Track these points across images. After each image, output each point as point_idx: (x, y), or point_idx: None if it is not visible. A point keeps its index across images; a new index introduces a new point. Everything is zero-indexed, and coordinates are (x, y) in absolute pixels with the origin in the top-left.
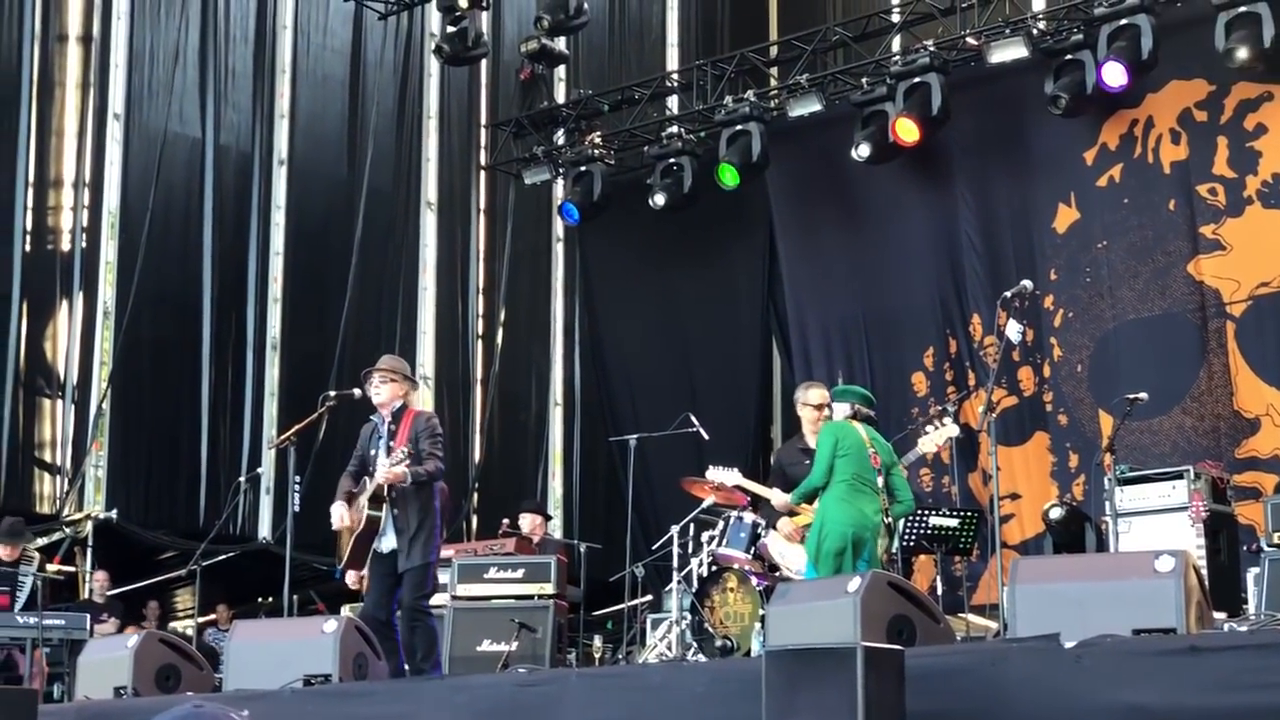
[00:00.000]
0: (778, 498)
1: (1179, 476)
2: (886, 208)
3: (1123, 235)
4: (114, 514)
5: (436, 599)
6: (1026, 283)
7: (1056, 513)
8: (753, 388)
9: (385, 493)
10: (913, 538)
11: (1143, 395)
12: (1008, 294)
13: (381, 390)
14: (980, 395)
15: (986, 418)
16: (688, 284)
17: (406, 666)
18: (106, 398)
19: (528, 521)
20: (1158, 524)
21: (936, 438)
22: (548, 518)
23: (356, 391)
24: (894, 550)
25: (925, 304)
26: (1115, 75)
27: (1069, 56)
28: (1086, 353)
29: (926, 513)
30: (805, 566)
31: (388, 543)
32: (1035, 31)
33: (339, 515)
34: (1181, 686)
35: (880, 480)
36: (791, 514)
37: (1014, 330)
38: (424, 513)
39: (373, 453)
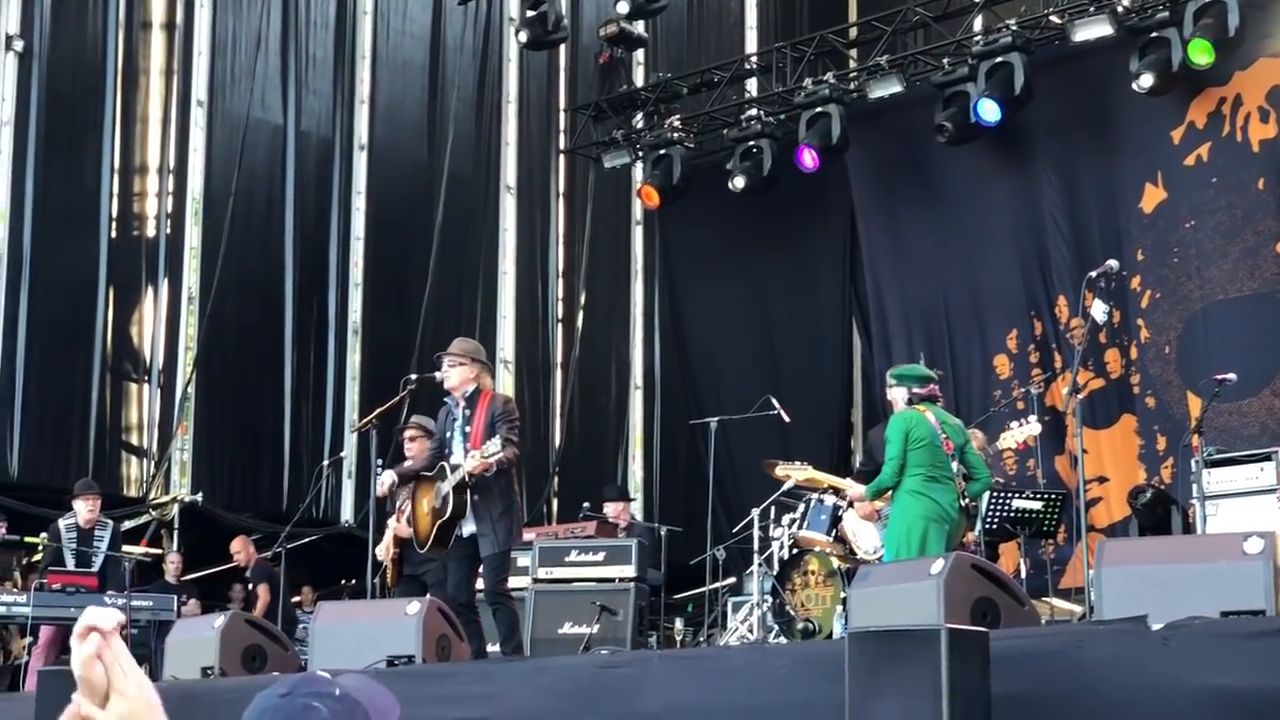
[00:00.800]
0: (852, 489)
1: (1268, 459)
2: (968, 189)
3: (1211, 215)
4: (199, 497)
5: (516, 581)
6: (1112, 263)
7: (1143, 496)
8: (834, 371)
9: (467, 478)
10: (996, 521)
11: (1231, 376)
12: (1093, 274)
13: (451, 374)
14: (1066, 378)
15: (1072, 400)
16: (769, 266)
17: (495, 647)
18: (192, 382)
19: (613, 509)
20: (1246, 506)
21: (1018, 435)
22: (629, 500)
23: (438, 375)
24: (977, 534)
25: (1008, 286)
26: (1201, 53)
27: (1154, 34)
28: (1174, 334)
29: (1010, 495)
30: (881, 547)
31: (469, 527)
32: (1120, 9)
33: (386, 482)
34: (1270, 669)
35: (955, 465)
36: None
37: (1100, 311)
38: (506, 498)
39: (448, 435)
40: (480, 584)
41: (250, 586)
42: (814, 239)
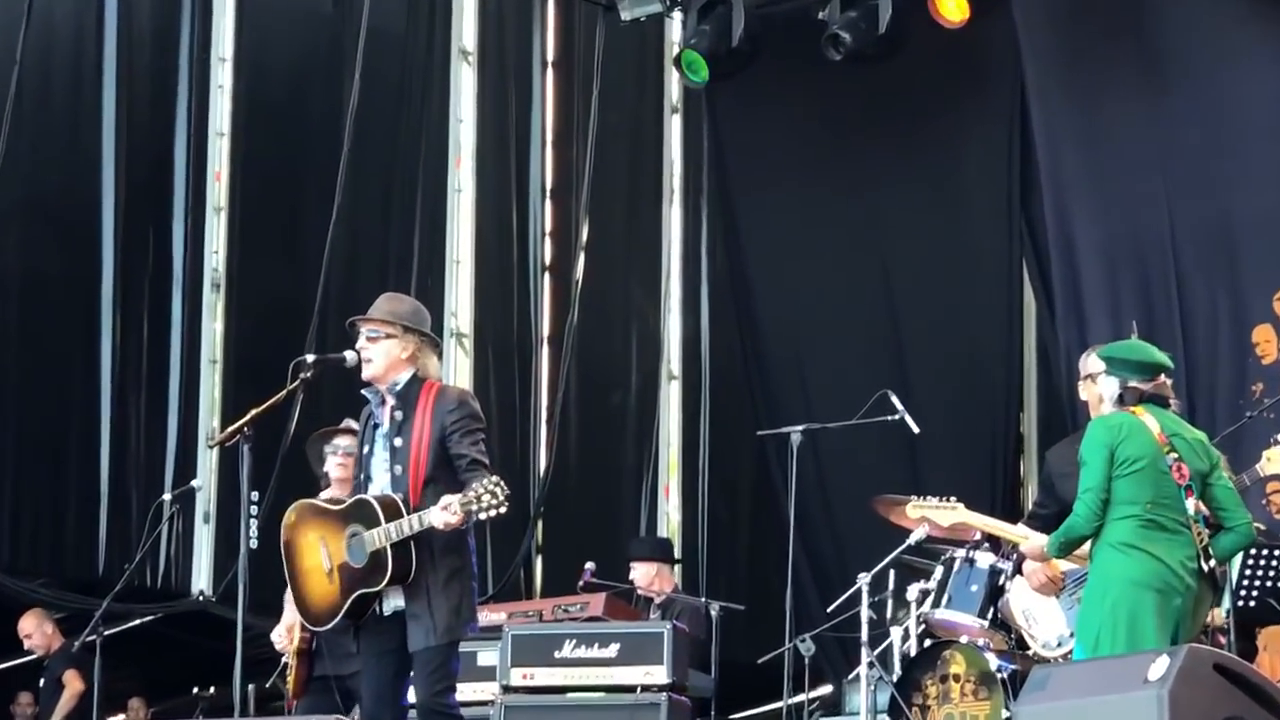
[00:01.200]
0: (1031, 541)
1: None
2: (1210, 53)
3: None
4: None
5: (473, 689)
6: None
7: None
8: (992, 350)
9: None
10: (1256, 593)
11: None
12: None
13: (373, 353)
14: None
15: None
16: (887, 185)
17: None
18: None
19: (644, 574)
20: None
21: None
22: (674, 563)
23: (349, 355)
24: (1225, 614)
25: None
26: None
27: None
28: None
29: (1277, 553)
30: (1070, 636)
31: (393, 602)
32: None
33: (280, 634)
34: None
35: (1191, 503)
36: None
37: None
38: (452, 557)
39: (365, 450)
40: (412, 694)
41: (49, 679)
42: (960, 137)
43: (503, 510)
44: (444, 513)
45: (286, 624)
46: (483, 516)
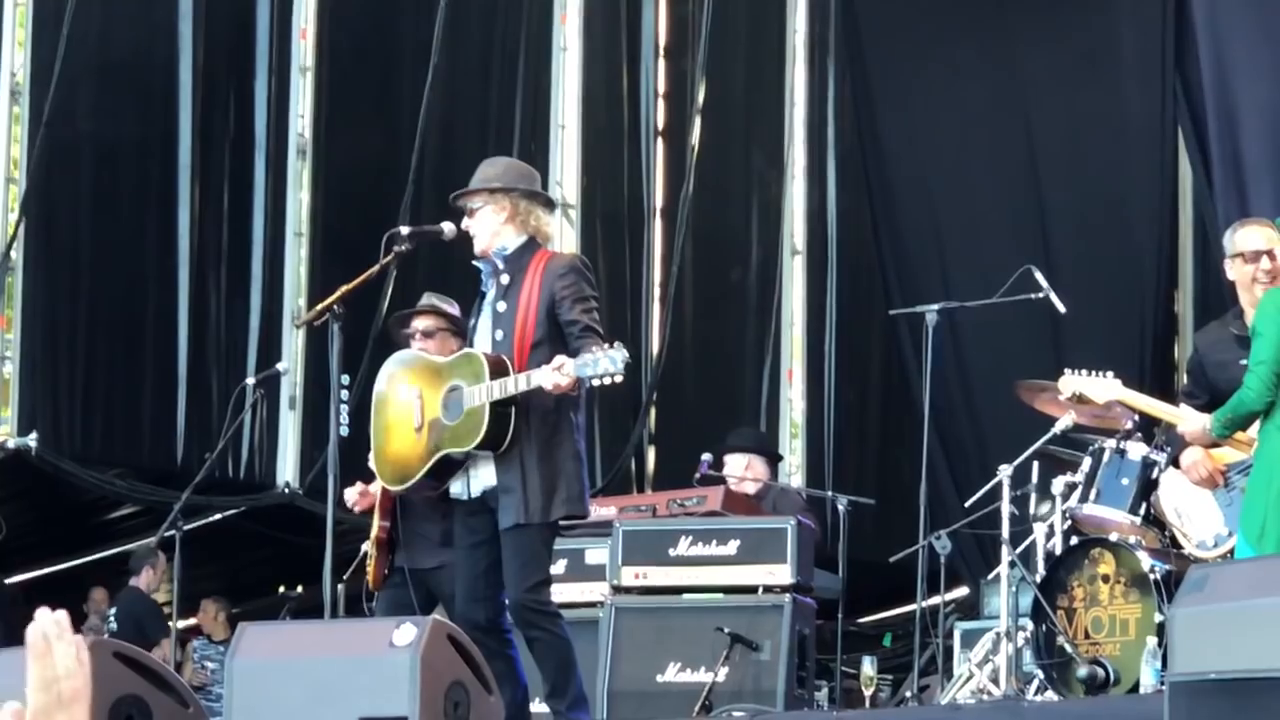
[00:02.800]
0: (1191, 421)
1: None
2: None
3: None
4: (31, 441)
5: (579, 590)
6: None
7: None
8: (1144, 223)
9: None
10: None
11: None
12: None
13: (474, 226)
14: None
15: None
16: (1030, 41)
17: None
18: (16, 245)
19: (736, 465)
20: None
21: None
22: (775, 458)
23: (447, 227)
24: None
25: None
26: None
27: None
28: None
29: None
30: (1234, 537)
31: (483, 479)
32: None
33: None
34: None
35: None
36: (1213, 445)
37: None
38: (558, 437)
39: (472, 322)
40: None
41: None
42: None
43: (618, 379)
44: (555, 373)
45: (362, 486)
46: (596, 383)
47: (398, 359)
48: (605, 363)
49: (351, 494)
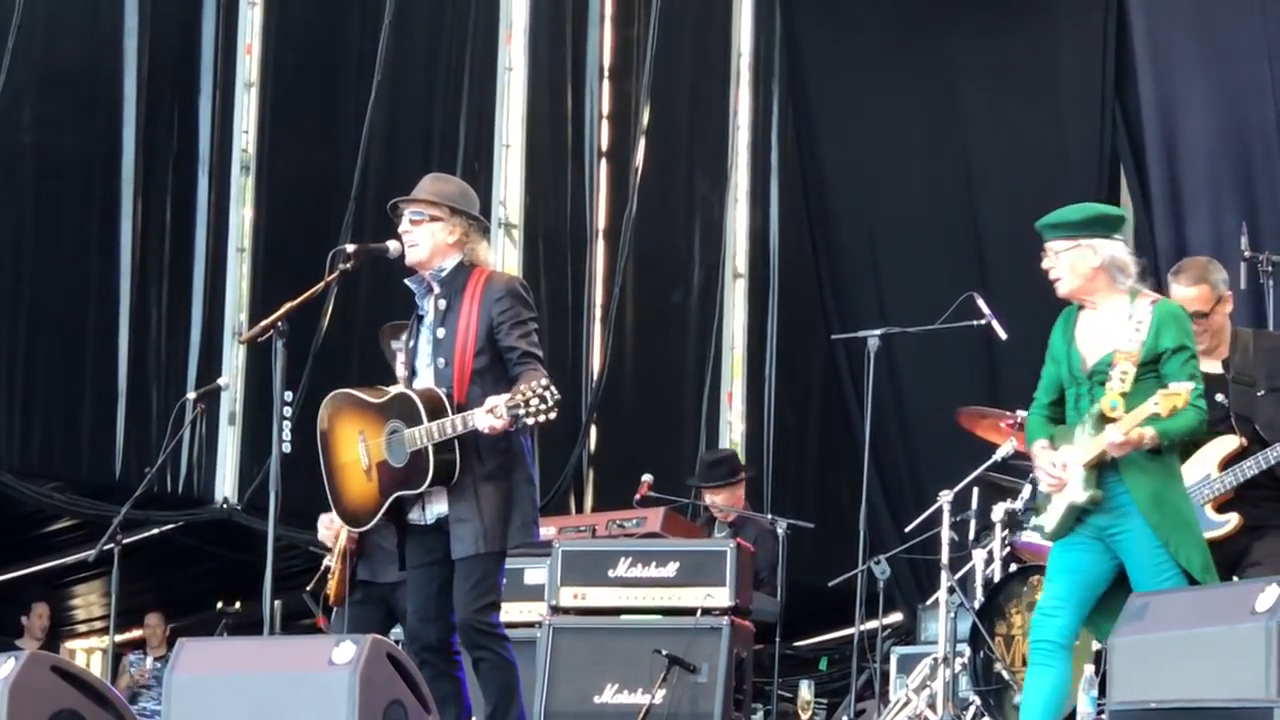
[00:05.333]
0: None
1: None
2: None
3: None
4: None
5: (520, 610)
6: None
7: None
8: None
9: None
10: None
11: None
12: None
13: (418, 235)
14: None
15: None
16: (971, 71)
17: None
18: None
19: (724, 498)
20: None
21: None
22: (743, 476)
23: (392, 245)
24: None
25: None
26: None
27: None
28: None
29: None
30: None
31: (437, 507)
32: None
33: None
34: None
35: None
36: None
37: None
38: (508, 461)
39: (411, 343)
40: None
41: None
42: (1051, 19)
43: (552, 416)
44: (488, 416)
45: (329, 521)
46: (530, 422)
47: (333, 399)
48: (536, 403)
49: (324, 527)
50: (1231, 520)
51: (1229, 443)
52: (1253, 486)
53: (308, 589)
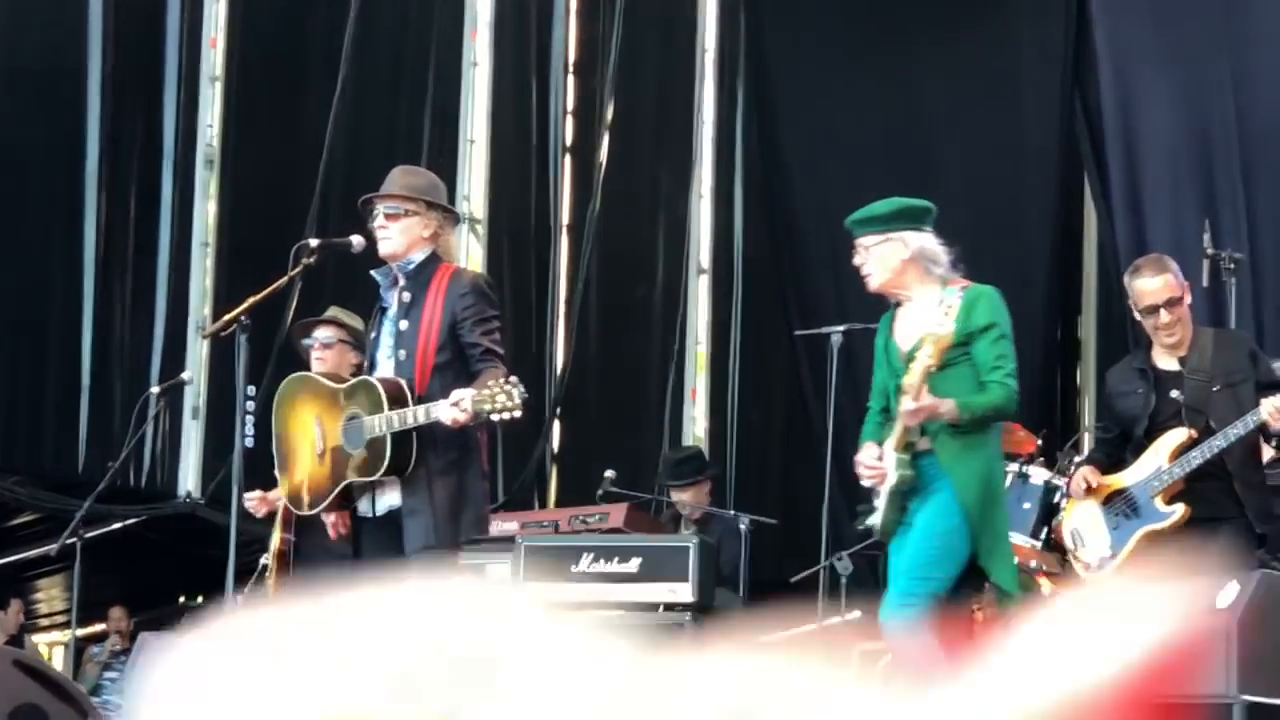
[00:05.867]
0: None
1: None
2: None
3: None
4: None
5: None
6: None
7: None
8: (1041, 250)
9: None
10: None
11: None
12: None
13: (393, 230)
14: None
15: None
16: (933, 69)
17: None
18: None
19: (692, 496)
20: None
21: None
22: (709, 475)
23: (355, 239)
24: None
25: None
26: None
27: None
28: None
29: None
30: (1116, 558)
31: (389, 498)
32: None
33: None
34: None
35: None
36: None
37: None
38: (463, 455)
39: (372, 335)
40: None
41: None
42: (1012, 16)
43: (517, 415)
44: (453, 409)
45: (261, 493)
46: (495, 419)
47: (294, 380)
48: (503, 399)
49: (251, 499)
50: (1178, 511)
51: (1179, 435)
52: (1206, 479)
53: (243, 589)
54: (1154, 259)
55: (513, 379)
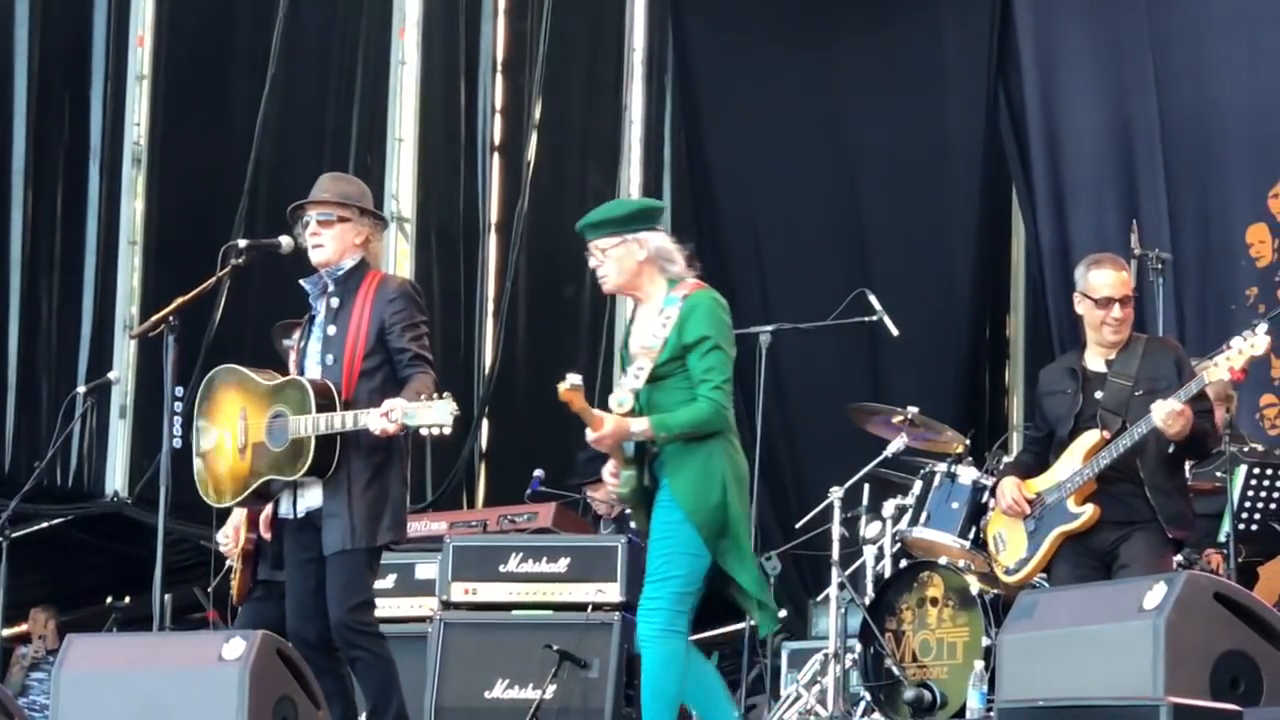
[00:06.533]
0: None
1: None
2: None
3: None
4: None
5: (410, 605)
6: None
7: None
8: (965, 247)
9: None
10: (1259, 515)
11: None
12: None
13: (325, 237)
14: None
15: None
16: (854, 65)
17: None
18: None
19: (604, 493)
20: None
21: (1235, 359)
22: None
23: (284, 240)
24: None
25: None
26: None
27: None
28: None
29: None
30: (1031, 561)
31: (309, 499)
32: None
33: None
34: None
35: None
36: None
37: None
38: (380, 455)
39: (301, 343)
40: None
41: None
42: (936, 17)
43: (446, 430)
44: (382, 419)
45: (233, 524)
46: (424, 433)
47: (225, 371)
48: (433, 414)
49: (224, 539)
50: (1087, 511)
51: (1092, 436)
52: (1119, 482)
53: (209, 587)
54: (1111, 256)
55: (445, 395)
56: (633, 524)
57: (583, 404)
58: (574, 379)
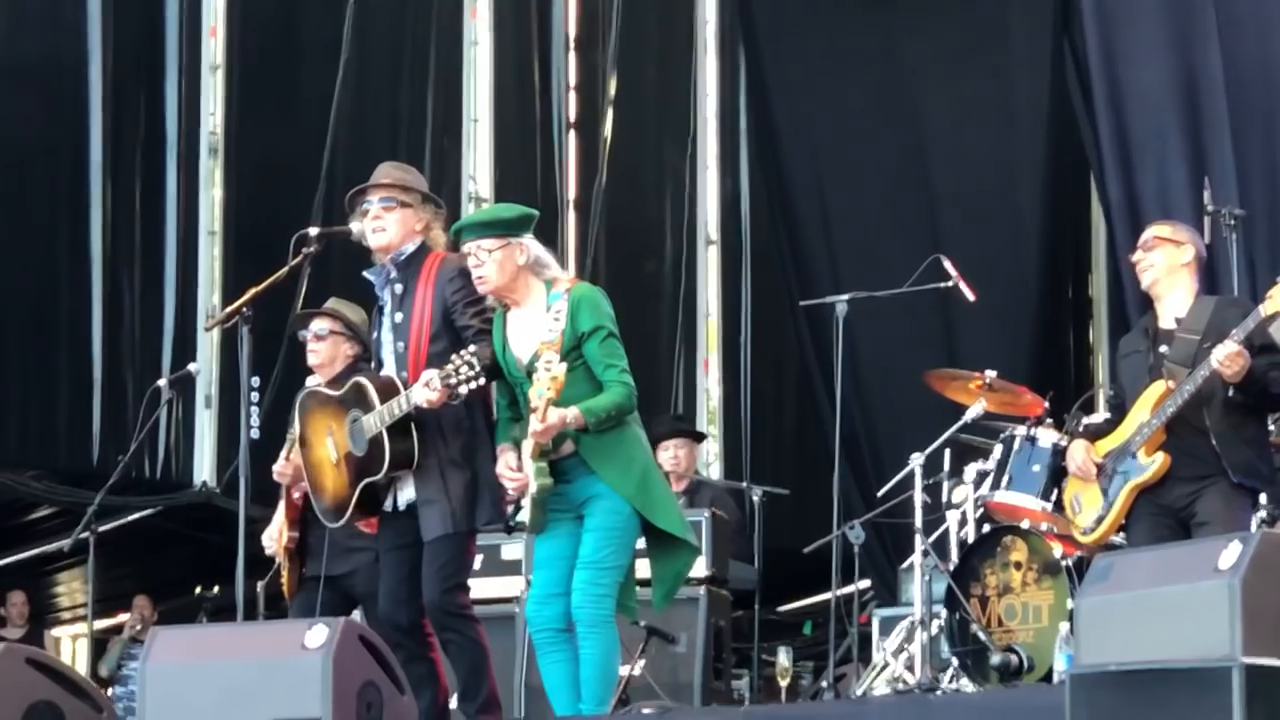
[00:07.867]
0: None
1: None
2: None
3: None
4: None
5: (495, 586)
6: None
7: None
8: (1033, 210)
9: (412, 412)
10: None
11: None
12: None
13: (388, 221)
14: None
15: None
16: (917, 31)
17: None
18: None
19: (669, 455)
20: None
21: None
22: (698, 438)
23: (355, 227)
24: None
25: None
26: None
27: None
28: None
29: None
30: (1104, 522)
31: (406, 493)
32: None
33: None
34: None
35: None
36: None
37: None
38: (471, 442)
39: (374, 335)
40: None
41: None
42: None
43: (481, 382)
44: (424, 389)
45: (277, 524)
46: (463, 390)
47: (302, 399)
48: (465, 370)
49: (269, 542)
50: (1157, 461)
51: (1158, 388)
52: (1187, 434)
53: (263, 581)
54: (1170, 226)
55: (471, 348)
56: (755, 495)
57: (557, 394)
58: (560, 368)
